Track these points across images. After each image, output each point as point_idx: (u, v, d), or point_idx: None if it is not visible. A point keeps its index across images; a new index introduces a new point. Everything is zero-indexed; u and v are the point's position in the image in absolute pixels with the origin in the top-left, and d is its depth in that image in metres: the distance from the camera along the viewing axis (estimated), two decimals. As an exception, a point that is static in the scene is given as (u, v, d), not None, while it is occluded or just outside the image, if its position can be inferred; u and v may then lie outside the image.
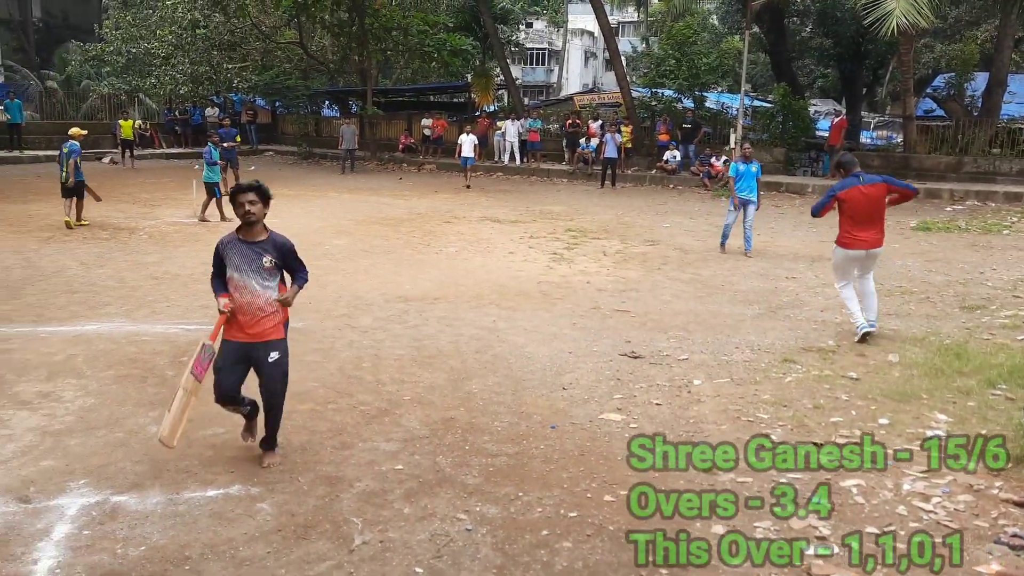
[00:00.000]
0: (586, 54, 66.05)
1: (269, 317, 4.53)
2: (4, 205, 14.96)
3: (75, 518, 4.04)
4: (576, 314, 8.28)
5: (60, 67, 38.19)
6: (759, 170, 11.81)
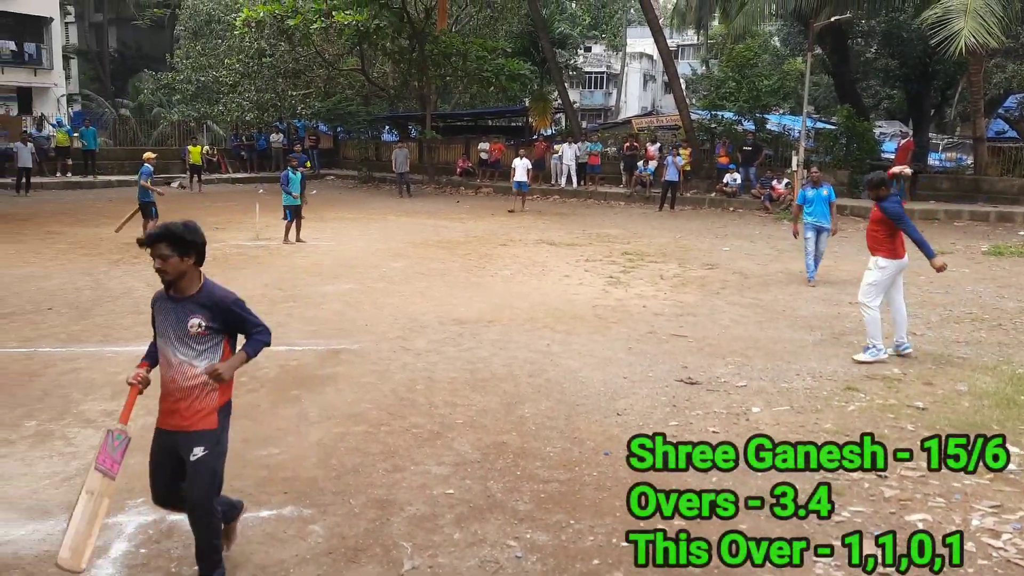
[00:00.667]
0: (645, 77, 65.98)
1: (194, 400, 3.56)
2: (77, 228, 15.53)
3: (133, 536, 4.11)
4: (632, 338, 8.18)
5: (133, 95, 39.78)
6: (832, 194, 11.34)
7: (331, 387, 6.48)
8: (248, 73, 29.59)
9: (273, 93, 30.11)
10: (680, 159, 21.61)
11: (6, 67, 32.86)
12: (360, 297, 9.91)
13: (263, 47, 28.61)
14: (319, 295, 9.99)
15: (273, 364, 7.03)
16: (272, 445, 5.28)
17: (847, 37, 26.26)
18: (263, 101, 29.97)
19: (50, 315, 8.72)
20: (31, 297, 9.52)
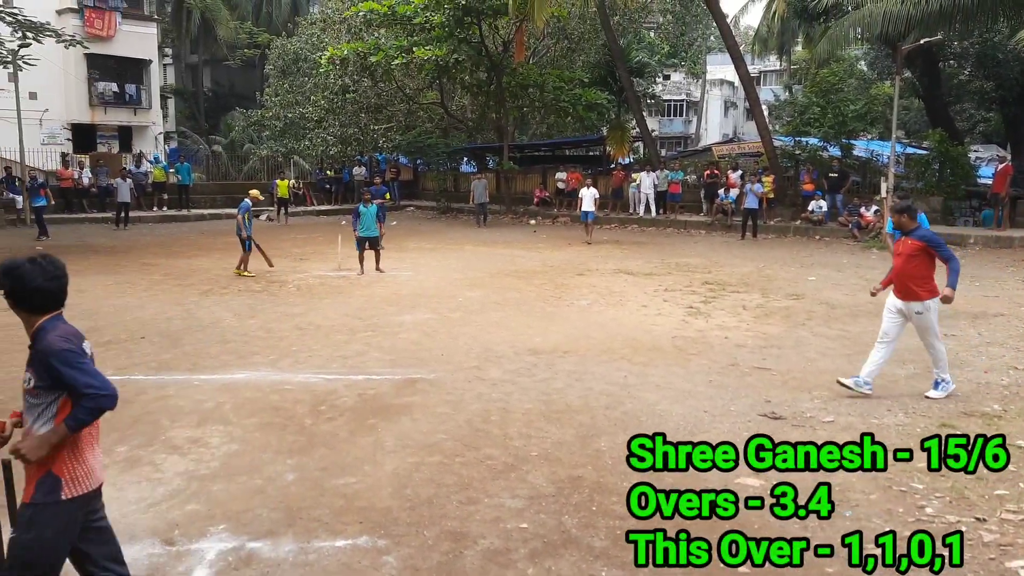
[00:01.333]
0: (726, 104, 65.21)
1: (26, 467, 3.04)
2: (170, 260, 16.20)
3: (213, 563, 4.19)
4: (712, 371, 7.98)
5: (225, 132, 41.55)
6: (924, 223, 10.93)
7: (407, 416, 6.52)
8: (332, 109, 30.55)
9: (356, 128, 30.98)
10: (761, 187, 21.19)
11: (108, 107, 34.77)
12: (437, 327, 10.00)
13: (347, 83, 29.52)
14: (397, 324, 10.12)
15: (352, 393, 7.13)
16: (349, 474, 5.32)
17: (938, 59, 25.40)
18: (346, 135, 30.88)
19: (143, 344, 9.08)
20: (126, 326, 9.94)
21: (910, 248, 6.82)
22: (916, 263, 6.78)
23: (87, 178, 25.08)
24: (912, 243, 6.82)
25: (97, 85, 34.21)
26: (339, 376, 7.71)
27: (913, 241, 6.83)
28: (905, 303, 6.87)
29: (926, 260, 6.79)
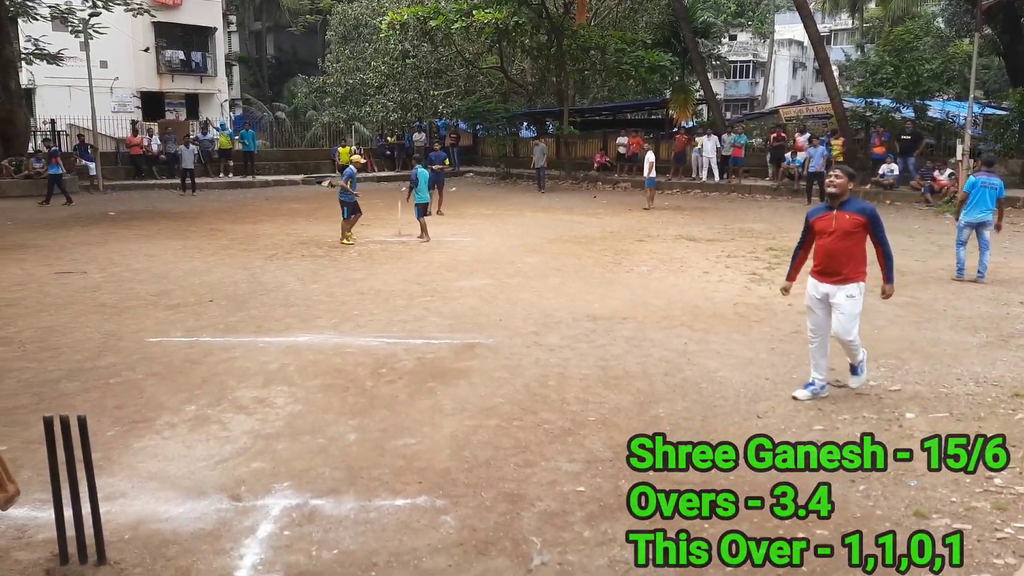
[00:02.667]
0: (794, 65, 63.26)
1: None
2: (236, 225, 16.57)
3: (278, 518, 4.31)
4: (775, 338, 7.84)
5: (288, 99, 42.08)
6: (1001, 188, 10.53)
7: (465, 380, 6.58)
8: (392, 74, 30.62)
9: (416, 93, 31.02)
10: (828, 150, 20.55)
11: (176, 75, 35.55)
12: (495, 292, 10.03)
13: (407, 48, 29.52)
14: (456, 290, 10.18)
15: (411, 357, 7.23)
16: (408, 435, 5.41)
17: (1020, 15, 24.09)
18: (406, 101, 30.95)
19: (211, 307, 9.33)
20: (194, 290, 10.22)
21: (849, 224, 5.81)
22: (854, 241, 5.85)
23: (156, 145, 25.72)
24: (853, 218, 5.81)
25: (165, 53, 34.95)
26: (399, 340, 7.81)
27: (853, 216, 5.81)
28: (836, 286, 5.89)
29: (864, 239, 5.90)
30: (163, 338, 7.94)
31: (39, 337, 7.93)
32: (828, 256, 5.91)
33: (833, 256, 5.87)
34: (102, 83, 27.37)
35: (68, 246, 13.39)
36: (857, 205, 5.89)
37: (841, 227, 5.81)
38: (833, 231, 5.83)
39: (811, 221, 6.06)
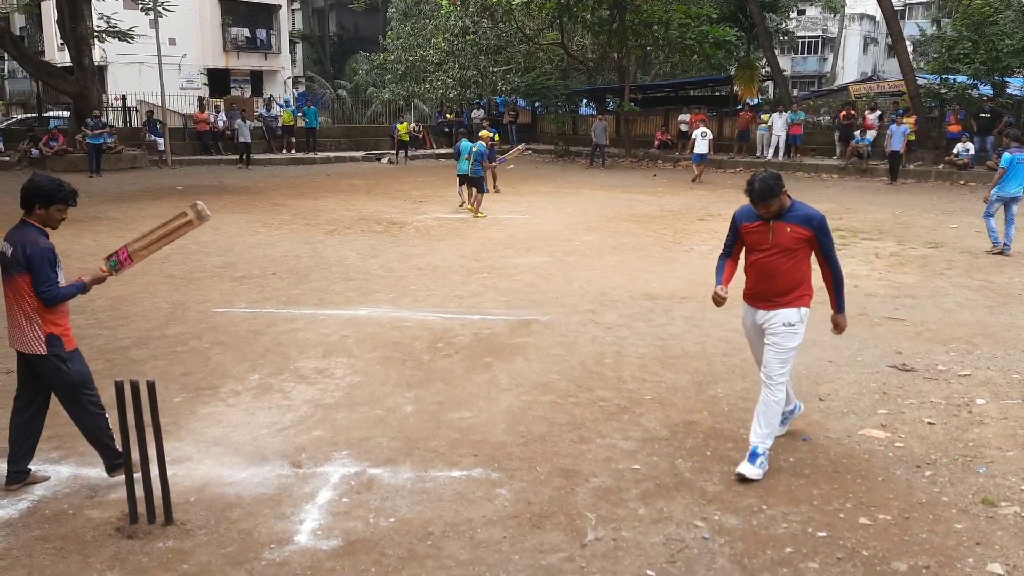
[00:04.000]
0: (865, 40, 61.09)
1: None
2: (298, 201, 16.83)
3: (337, 486, 4.39)
4: (838, 320, 7.64)
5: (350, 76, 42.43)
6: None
7: (521, 356, 6.58)
8: (452, 51, 30.59)
9: (475, 70, 30.95)
10: (905, 127, 19.87)
11: (241, 52, 36.14)
12: (552, 270, 9.99)
13: (467, 25, 29.43)
14: (512, 267, 10.18)
15: (467, 332, 7.26)
16: (464, 409, 5.45)
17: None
18: (466, 78, 30.90)
19: (274, 279, 9.51)
20: (258, 263, 10.43)
21: (791, 239, 4.46)
22: (797, 259, 4.53)
23: (222, 121, 26.24)
24: (795, 231, 4.45)
25: (231, 30, 35.55)
26: (456, 315, 7.86)
27: (796, 228, 4.45)
28: (772, 312, 4.57)
29: (808, 255, 4.60)
30: (228, 309, 8.14)
31: (111, 306, 8.20)
32: (763, 276, 4.56)
33: (769, 276, 4.53)
34: (171, 60, 27.97)
35: (138, 218, 13.79)
36: (801, 214, 4.48)
37: (780, 242, 4.46)
38: (769, 248, 4.50)
39: (740, 227, 4.69)
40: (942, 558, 3.61)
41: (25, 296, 4.10)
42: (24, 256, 4.04)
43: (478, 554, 3.69)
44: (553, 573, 3.53)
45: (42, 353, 4.15)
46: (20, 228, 4.15)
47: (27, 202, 4.13)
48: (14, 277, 4.10)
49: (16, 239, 4.10)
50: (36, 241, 4.08)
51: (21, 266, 4.05)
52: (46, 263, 4.05)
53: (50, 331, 4.14)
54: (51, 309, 4.14)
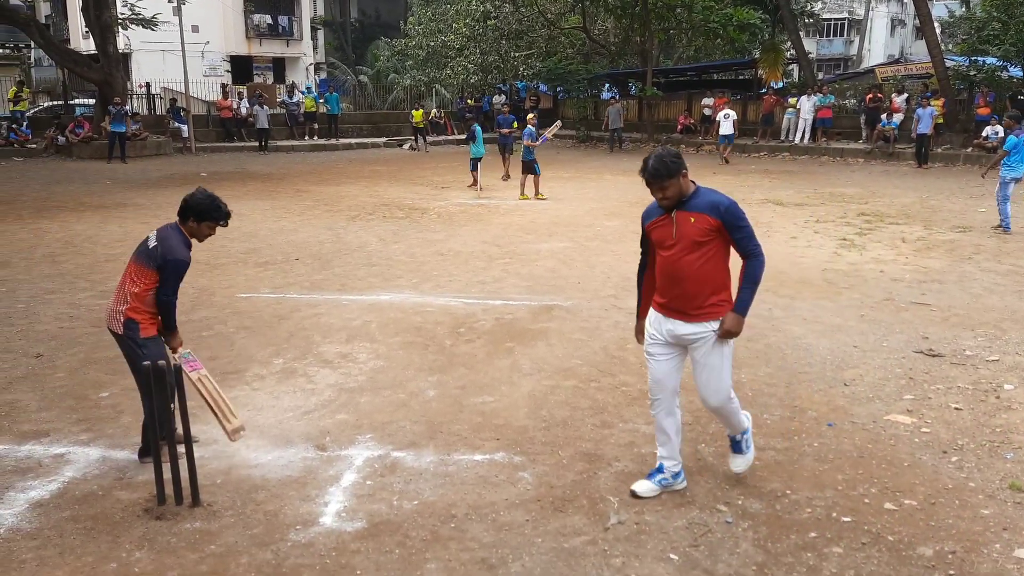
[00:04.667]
0: (892, 22, 60.09)
1: None
2: (321, 187, 16.90)
3: (360, 468, 4.42)
4: (865, 305, 7.57)
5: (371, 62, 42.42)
6: None
7: (543, 341, 6.58)
8: (474, 36, 30.49)
9: (497, 55, 30.84)
10: (932, 110, 19.56)
11: (263, 39, 36.25)
12: (573, 255, 9.97)
13: (488, 10, 29.32)
14: (534, 252, 10.17)
15: (489, 317, 7.27)
16: (486, 393, 5.46)
17: None
18: (487, 63, 30.81)
19: (297, 265, 9.57)
20: (282, 249, 10.50)
21: (695, 230, 3.80)
22: (708, 255, 3.83)
23: (245, 108, 26.37)
24: (700, 220, 3.80)
25: (253, 17, 35.65)
26: (478, 300, 7.87)
27: (700, 216, 3.80)
28: (693, 325, 3.90)
29: (723, 253, 3.89)
30: (252, 294, 8.21)
31: (137, 291, 8.29)
32: (672, 280, 3.89)
33: (679, 280, 3.86)
34: (194, 47, 28.15)
35: (164, 205, 13.90)
36: (706, 200, 3.83)
37: (685, 235, 3.82)
38: (675, 243, 3.85)
39: (646, 226, 4.07)
40: (968, 544, 3.58)
41: (135, 282, 4.29)
42: (162, 257, 4.25)
43: (501, 536, 3.71)
44: (576, 556, 3.54)
45: (119, 332, 4.33)
46: (171, 230, 4.38)
47: (184, 213, 4.37)
48: (140, 265, 4.30)
49: (163, 237, 4.33)
50: (179, 250, 4.31)
51: (153, 262, 4.26)
52: (177, 275, 4.31)
53: (131, 316, 4.29)
54: (143, 301, 4.30)
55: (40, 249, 10.37)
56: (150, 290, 4.30)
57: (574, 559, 3.52)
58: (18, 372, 5.98)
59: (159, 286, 4.29)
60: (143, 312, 4.33)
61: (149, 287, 4.29)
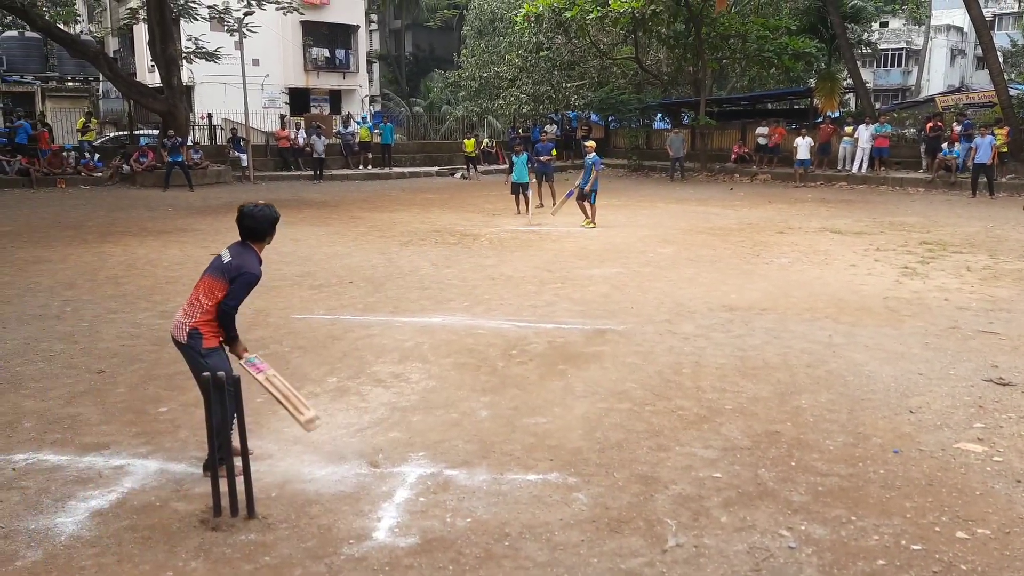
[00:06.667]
0: (952, 52, 59.06)
1: None
2: (374, 214, 17.12)
3: (413, 485, 4.40)
4: (930, 333, 7.34)
5: (425, 94, 43.14)
6: None
7: (596, 365, 6.51)
8: (526, 67, 30.80)
9: (549, 85, 31.07)
10: (994, 139, 19.06)
11: (321, 72, 37.14)
12: (626, 280, 9.89)
13: (541, 41, 29.61)
14: (586, 277, 10.11)
15: (541, 340, 7.23)
16: (539, 414, 5.41)
17: None
18: (539, 94, 31.04)
19: (351, 288, 9.67)
20: (336, 272, 10.63)
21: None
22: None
23: (302, 138, 26.97)
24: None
25: (311, 51, 36.59)
26: (529, 324, 7.83)
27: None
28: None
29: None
30: (307, 315, 8.30)
31: (196, 311, 8.46)
32: None
33: None
34: (254, 80, 28.93)
35: (222, 230, 14.22)
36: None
37: None
38: None
39: None
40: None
41: (208, 296, 4.42)
42: (236, 270, 4.41)
43: (556, 556, 3.63)
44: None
45: (182, 342, 4.43)
46: (245, 249, 4.55)
47: (262, 232, 4.59)
48: (214, 279, 4.44)
49: (237, 254, 4.51)
50: (253, 264, 4.50)
51: (227, 275, 4.42)
52: (247, 287, 4.46)
53: (195, 327, 4.40)
54: (211, 314, 4.41)
55: (104, 271, 10.66)
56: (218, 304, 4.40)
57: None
58: (81, 387, 6.11)
59: (227, 296, 4.40)
60: (208, 325, 4.42)
61: (220, 300, 4.40)
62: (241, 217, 4.54)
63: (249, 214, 4.52)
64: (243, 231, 4.55)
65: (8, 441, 5.06)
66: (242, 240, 4.57)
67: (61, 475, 4.57)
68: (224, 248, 4.62)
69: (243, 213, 4.54)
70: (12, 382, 6.19)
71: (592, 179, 14.43)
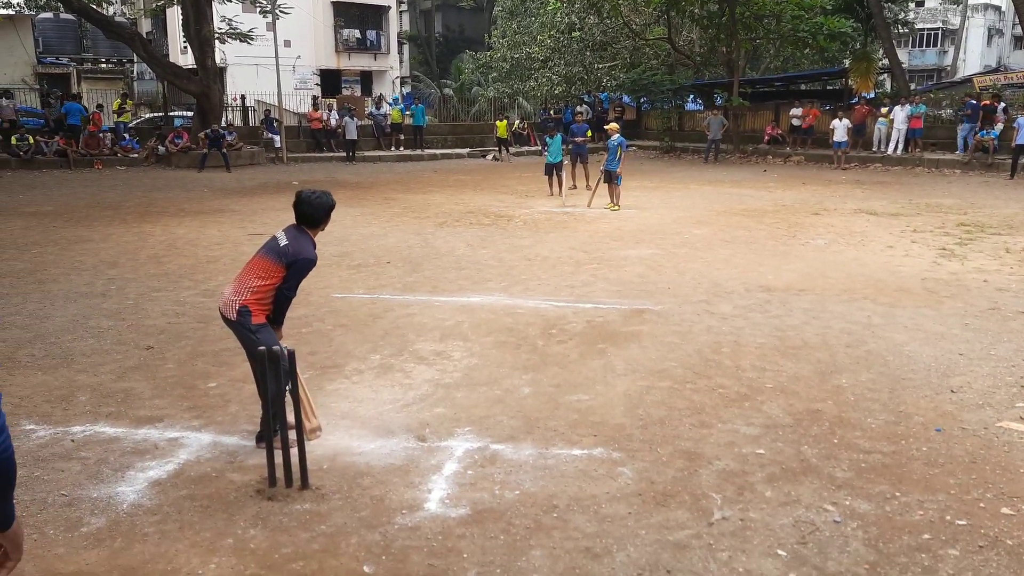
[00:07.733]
0: (989, 32, 57.75)
1: None
2: (408, 195, 17.24)
3: (461, 459, 4.50)
4: (969, 314, 7.30)
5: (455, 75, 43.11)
6: None
7: (635, 344, 6.57)
8: (558, 48, 30.65)
9: (581, 67, 30.92)
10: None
11: (352, 53, 37.25)
12: (662, 261, 9.91)
13: (573, 21, 29.44)
14: (621, 258, 10.15)
15: (580, 319, 7.29)
16: (581, 392, 5.49)
17: None
18: (571, 75, 30.91)
19: (389, 268, 9.79)
20: (373, 253, 10.76)
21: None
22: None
23: (334, 119, 27.13)
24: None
25: (342, 32, 36.69)
26: (568, 304, 7.90)
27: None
28: None
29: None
30: (347, 294, 8.44)
31: (239, 289, 8.63)
32: None
33: None
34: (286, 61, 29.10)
35: (259, 211, 14.43)
36: None
37: None
38: None
39: None
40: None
41: (260, 276, 4.50)
42: (294, 256, 4.45)
43: (604, 527, 3.72)
44: (681, 548, 3.53)
45: (231, 319, 4.52)
46: (300, 233, 4.57)
47: (317, 219, 4.60)
48: (268, 261, 4.51)
49: (294, 238, 4.53)
50: (309, 250, 4.52)
51: (283, 259, 4.46)
52: (304, 273, 4.53)
53: (245, 304, 4.48)
54: (262, 293, 4.49)
55: (145, 251, 10.88)
56: (272, 285, 4.49)
57: (680, 551, 3.51)
58: (131, 362, 6.29)
59: (284, 281, 4.48)
60: (258, 304, 4.52)
61: (273, 283, 4.48)
62: (299, 203, 4.59)
63: (307, 200, 4.57)
64: (299, 216, 4.61)
65: (65, 414, 5.24)
66: (297, 224, 4.63)
67: (118, 446, 4.72)
68: (279, 230, 4.69)
69: (301, 199, 4.59)
70: (64, 357, 6.39)
71: (618, 158, 14.41)
